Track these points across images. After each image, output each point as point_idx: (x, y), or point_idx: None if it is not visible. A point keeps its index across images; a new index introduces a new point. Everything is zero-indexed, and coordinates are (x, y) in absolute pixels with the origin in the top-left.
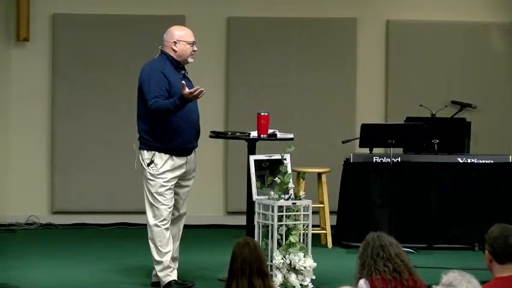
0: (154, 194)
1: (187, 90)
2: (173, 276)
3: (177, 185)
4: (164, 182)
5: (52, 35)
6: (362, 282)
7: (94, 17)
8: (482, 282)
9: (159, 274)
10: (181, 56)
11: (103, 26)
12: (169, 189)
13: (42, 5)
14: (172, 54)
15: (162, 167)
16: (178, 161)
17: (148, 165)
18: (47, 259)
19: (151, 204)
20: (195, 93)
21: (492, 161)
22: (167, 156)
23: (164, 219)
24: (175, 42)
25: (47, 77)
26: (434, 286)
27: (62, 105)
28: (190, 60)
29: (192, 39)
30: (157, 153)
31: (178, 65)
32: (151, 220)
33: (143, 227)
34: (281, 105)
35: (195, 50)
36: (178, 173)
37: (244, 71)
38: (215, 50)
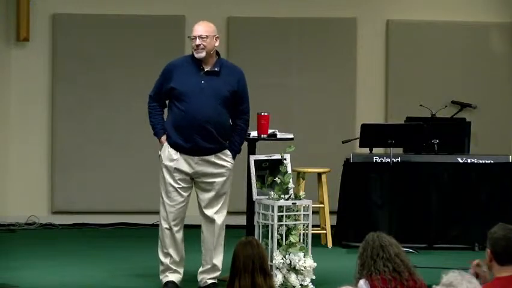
0: (162, 191)
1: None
2: (171, 277)
3: (197, 187)
4: (169, 180)
5: (52, 35)
6: (361, 282)
7: (94, 17)
8: None
9: (160, 273)
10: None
11: (103, 26)
12: (174, 189)
13: (42, 5)
14: None
15: (163, 160)
16: (177, 155)
17: (159, 156)
18: (47, 259)
19: (160, 201)
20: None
21: (492, 161)
22: (169, 148)
23: (165, 219)
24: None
25: (47, 77)
26: (434, 286)
27: (62, 106)
28: (196, 55)
29: (192, 34)
30: (165, 145)
31: (199, 62)
32: (159, 218)
33: (143, 227)
34: (281, 105)
35: (197, 45)
36: (177, 168)
37: (244, 71)
38: None
